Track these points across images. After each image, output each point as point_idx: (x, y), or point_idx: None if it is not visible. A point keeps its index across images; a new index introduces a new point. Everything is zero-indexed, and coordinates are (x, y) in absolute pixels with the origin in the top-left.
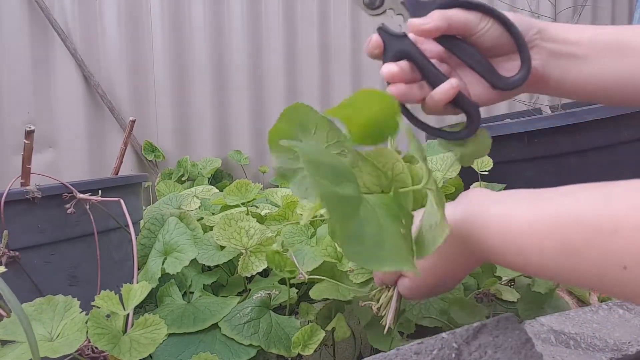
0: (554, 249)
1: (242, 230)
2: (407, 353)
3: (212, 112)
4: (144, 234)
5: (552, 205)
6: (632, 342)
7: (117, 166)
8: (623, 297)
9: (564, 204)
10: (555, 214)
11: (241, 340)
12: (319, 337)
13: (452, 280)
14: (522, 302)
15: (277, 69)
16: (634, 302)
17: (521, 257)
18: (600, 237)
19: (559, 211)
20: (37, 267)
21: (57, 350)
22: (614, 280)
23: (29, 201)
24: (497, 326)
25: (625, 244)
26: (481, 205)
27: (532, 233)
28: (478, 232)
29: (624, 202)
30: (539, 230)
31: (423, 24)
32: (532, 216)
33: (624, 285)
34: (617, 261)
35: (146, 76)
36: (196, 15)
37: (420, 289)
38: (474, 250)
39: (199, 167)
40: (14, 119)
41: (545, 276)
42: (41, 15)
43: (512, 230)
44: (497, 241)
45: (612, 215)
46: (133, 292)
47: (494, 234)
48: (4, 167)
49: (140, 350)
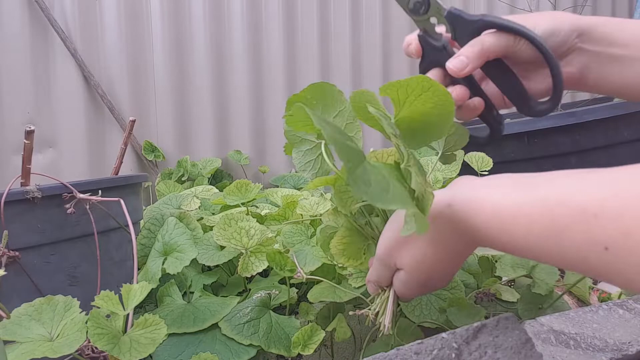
0: (540, 230)
1: (242, 230)
2: (407, 353)
3: (212, 112)
4: (144, 234)
5: (540, 189)
6: (632, 342)
7: (117, 166)
8: (607, 278)
9: (552, 188)
10: (544, 197)
11: (241, 340)
12: (319, 337)
13: (444, 272)
14: (521, 302)
15: (277, 69)
16: (618, 285)
17: (507, 238)
18: (585, 219)
19: (547, 194)
20: (37, 267)
21: (57, 351)
22: (598, 261)
23: (29, 201)
24: (497, 326)
25: (606, 225)
26: (470, 188)
27: (520, 215)
28: (466, 213)
29: (608, 188)
30: (527, 212)
31: (461, 70)
32: (520, 199)
33: (607, 266)
34: (599, 242)
35: (146, 76)
36: (196, 15)
37: (415, 282)
38: (463, 234)
39: (199, 167)
40: (14, 118)
41: (531, 257)
42: (41, 15)
43: (500, 212)
44: (484, 222)
45: (596, 199)
46: (133, 292)
47: (481, 215)
48: (4, 167)
49: (140, 350)
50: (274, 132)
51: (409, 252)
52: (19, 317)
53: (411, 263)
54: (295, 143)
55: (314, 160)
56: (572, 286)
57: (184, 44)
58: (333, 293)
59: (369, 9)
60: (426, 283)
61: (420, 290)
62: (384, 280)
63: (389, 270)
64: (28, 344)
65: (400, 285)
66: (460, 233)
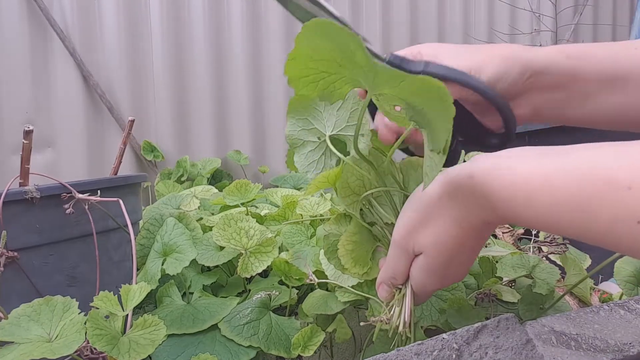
0: (568, 202)
1: (241, 230)
2: (407, 354)
3: (211, 111)
4: (143, 234)
5: (569, 159)
6: (634, 342)
7: (116, 166)
8: (631, 252)
9: (582, 158)
10: (573, 167)
11: (241, 342)
12: (319, 338)
13: (465, 255)
14: (522, 302)
15: (277, 68)
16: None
17: (532, 211)
18: (617, 191)
19: (577, 165)
20: (35, 268)
21: (56, 351)
22: (629, 236)
23: (27, 201)
24: (497, 327)
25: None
26: (493, 159)
27: (547, 186)
28: (489, 185)
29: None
30: (556, 183)
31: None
32: (547, 169)
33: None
34: (632, 216)
35: (145, 76)
36: (195, 14)
37: (437, 267)
38: (482, 208)
39: (198, 167)
40: (12, 118)
41: (554, 230)
42: (40, 15)
43: (526, 183)
44: (508, 193)
45: (629, 171)
46: (132, 292)
47: (505, 186)
48: (3, 167)
49: (139, 351)
50: (274, 132)
51: (432, 231)
52: (17, 317)
53: (433, 243)
54: (296, 147)
55: (317, 160)
56: (573, 287)
57: (183, 43)
58: (325, 305)
59: (369, 9)
60: (447, 269)
61: (440, 281)
62: (400, 274)
63: (407, 258)
64: (26, 345)
65: (420, 274)
66: (481, 207)
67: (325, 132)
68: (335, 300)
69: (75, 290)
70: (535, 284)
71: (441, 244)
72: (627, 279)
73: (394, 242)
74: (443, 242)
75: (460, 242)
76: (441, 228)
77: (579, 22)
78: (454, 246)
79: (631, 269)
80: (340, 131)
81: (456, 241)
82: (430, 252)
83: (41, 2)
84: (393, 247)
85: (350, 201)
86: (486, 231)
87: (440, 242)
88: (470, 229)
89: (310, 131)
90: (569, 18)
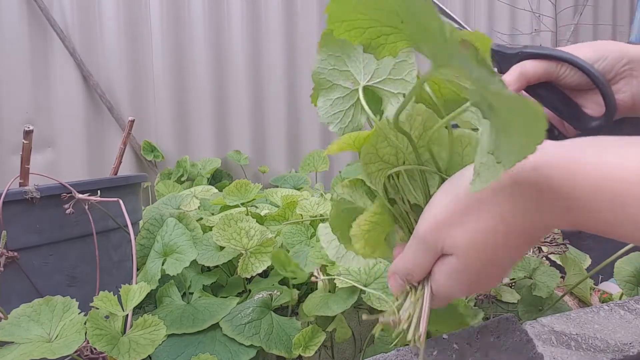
0: None
1: (242, 230)
2: (407, 354)
3: (211, 111)
4: (143, 235)
5: None
6: (634, 342)
7: (116, 166)
8: None
9: None
10: None
11: (242, 341)
12: (320, 338)
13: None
14: (522, 303)
15: (277, 68)
16: None
17: (620, 213)
18: None
19: None
20: (35, 268)
21: (56, 351)
22: None
23: (27, 201)
24: (497, 327)
25: None
26: (568, 148)
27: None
28: (559, 182)
29: None
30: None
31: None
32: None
33: None
34: None
35: (145, 76)
36: (195, 15)
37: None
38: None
39: (198, 167)
40: (12, 118)
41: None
42: (40, 15)
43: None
44: (588, 192)
45: None
46: (132, 292)
47: (586, 184)
48: (3, 167)
49: (139, 351)
50: (274, 132)
51: (470, 228)
52: (17, 318)
53: (470, 245)
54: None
55: (345, 112)
56: (573, 287)
57: (183, 43)
58: (325, 306)
59: None
60: (480, 275)
61: (467, 289)
62: (419, 271)
63: (432, 256)
64: (26, 345)
65: (446, 278)
66: (548, 205)
67: (360, 79)
68: (335, 301)
69: (75, 290)
70: (535, 286)
71: (483, 244)
72: (627, 279)
73: (419, 236)
74: (484, 243)
75: (505, 245)
76: (482, 227)
77: (579, 22)
78: (498, 249)
79: (631, 269)
80: (378, 83)
81: (502, 242)
82: (463, 255)
83: (41, 2)
84: (416, 241)
85: (374, 169)
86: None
87: (482, 242)
88: (524, 229)
89: (342, 73)
90: (569, 18)
